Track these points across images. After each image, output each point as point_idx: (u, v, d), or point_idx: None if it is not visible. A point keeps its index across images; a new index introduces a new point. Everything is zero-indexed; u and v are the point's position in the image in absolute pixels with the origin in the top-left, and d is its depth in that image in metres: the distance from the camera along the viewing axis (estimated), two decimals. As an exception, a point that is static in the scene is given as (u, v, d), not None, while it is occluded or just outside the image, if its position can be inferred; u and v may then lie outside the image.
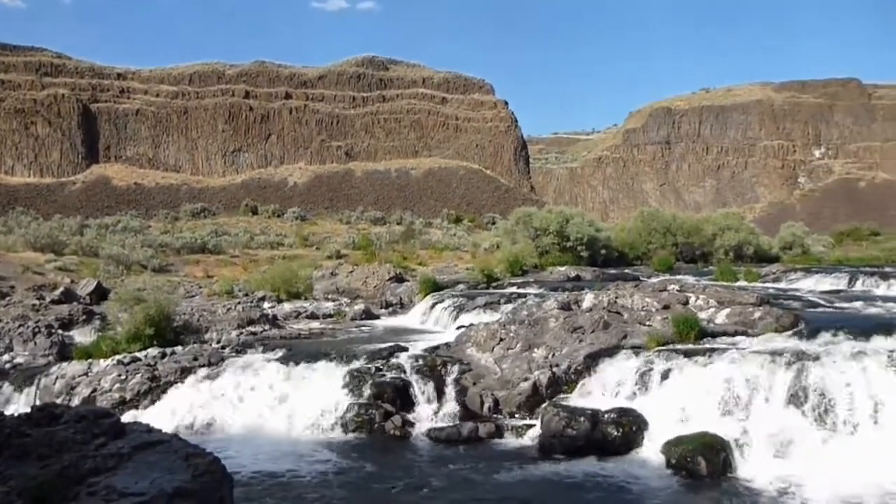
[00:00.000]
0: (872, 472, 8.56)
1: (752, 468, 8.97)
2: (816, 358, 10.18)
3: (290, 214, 67.76)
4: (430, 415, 11.40)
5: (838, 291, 19.67)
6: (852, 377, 9.75)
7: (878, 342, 10.94)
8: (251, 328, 16.71)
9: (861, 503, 7.82)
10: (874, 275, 22.23)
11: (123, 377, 12.29)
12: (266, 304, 21.21)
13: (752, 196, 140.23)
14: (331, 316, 20.22)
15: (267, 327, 17.08)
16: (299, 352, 13.34)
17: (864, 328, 11.59)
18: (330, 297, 23.73)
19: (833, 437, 9.39)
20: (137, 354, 13.46)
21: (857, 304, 15.81)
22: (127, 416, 10.90)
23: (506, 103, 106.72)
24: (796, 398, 9.80)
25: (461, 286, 22.74)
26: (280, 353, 13.21)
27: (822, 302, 16.19)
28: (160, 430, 6.01)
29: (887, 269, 26.76)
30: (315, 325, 18.84)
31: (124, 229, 45.50)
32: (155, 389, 12.10)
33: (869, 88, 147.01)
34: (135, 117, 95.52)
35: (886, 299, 16.62)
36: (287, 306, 21.32)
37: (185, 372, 12.48)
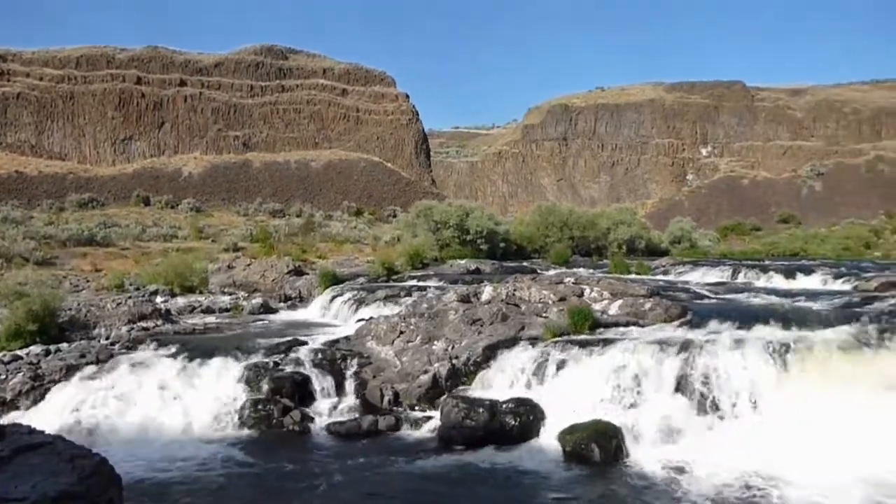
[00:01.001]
0: (752, 455, 9.04)
1: (643, 454, 9.31)
2: (702, 347, 10.68)
3: (184, 206, 65.78)
4: (329, 409, 11.33)
5: (723, 283, 20.66)
6: (734, 365, 10.29)
7: (758, 331, 11.55)
8: (143, 323, 16.12)
9: (741, 485, 8.22)
10: (755, 267, 23.46)
11: (3, 377, 11.64)
12: (159, 299, 20.54)
13: (644, 192, 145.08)
14: (227, 310, 19.77)
15: (160, 322, 16.52)
16: (194, 347, 12.95)
17: (745, 318, 12.20)
18: (226, 290, 23.19)
19: (717, 423, 9.88)
20: (19, 352, 12.79)
21: (740, 295, 16.62)
22: (8, 418, 10.36)
23: (407, 96, 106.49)
24: (684, 386, 10.26)
25: (361, 279, 22.64)
26: (174, 349, 12.79)
27: (708, 293, 16.94)
28: (43, 432, 5.71)
29: (767, 263, 28.31)
30: (211, 319, 18.38)
31: (4, 220, 43.06)
32: (38, 389, 11.48)
33: (752, 91, 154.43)
34: (16, 101, 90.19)
35: (766, 290, 17.56)
36: (181, 301, 20.71)
37: (70, 370, 11.92)
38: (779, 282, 20.58)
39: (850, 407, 9.70)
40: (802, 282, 20.39)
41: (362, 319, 15.63)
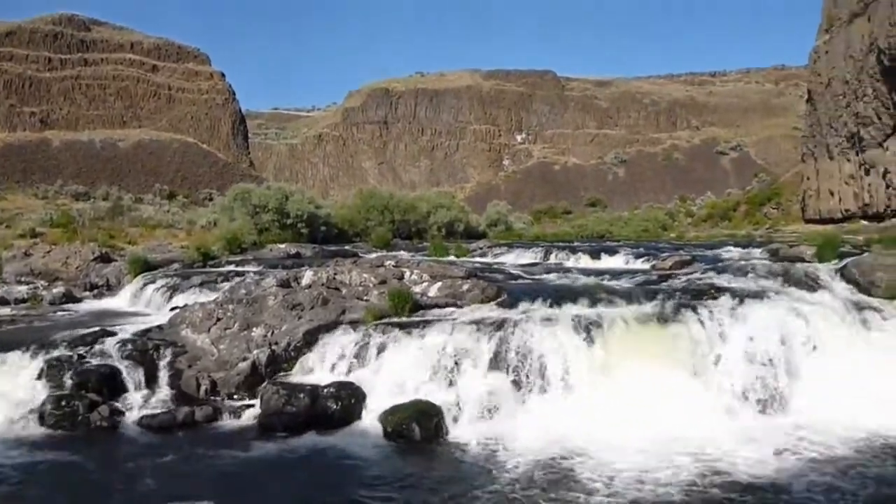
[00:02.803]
0: (562, 426, 9.61)
1: (462, 430, 9.62)
2: (516, 325, 11.17)
3: (-30, 188, 59.76)
4: (141, 402, 10.74)
5: (536, 264, 21.60)
6: (546, 341, 10.85)
7: (568, 308, 12.24)
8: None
9: (550, 454, 8.70)
10: (565, 249, 24.74)
11: None
12: (-60, 291, 18.60)
13: (462, 176, 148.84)
14: (25, 301, 18.27)
15: (-59, 316, 14.97)
16: (-15, 342, 11.85)
17: (556, 296, 12.86)
18: (23, 279, 21.35)
19: (531, 397, 10.39)
20: None
21: (552, 275, 17.44)
22: None
23: (223, 75, 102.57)
24: (500, 363, 10.68)
25: (176, 265, 21.63)
26: (-42, 346, 11.62)
27: (523, 274, 17.65)
28: None
29: (576, 244, 29.94)
30: (5, 311, 16.90)
31: None
32: None
33: (563, 80, 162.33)
34: None
35: (575, 270, 18.57)
36: (-33, 292, 18.87)
37: None
38: (586, 262, 21.79)
39: (650, 377, 10.55)
40: (607, 261, 21.70)
41: (176, 307, 14.95)
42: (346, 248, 29.66)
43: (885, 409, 10.28)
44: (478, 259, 24.49)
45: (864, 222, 48.90)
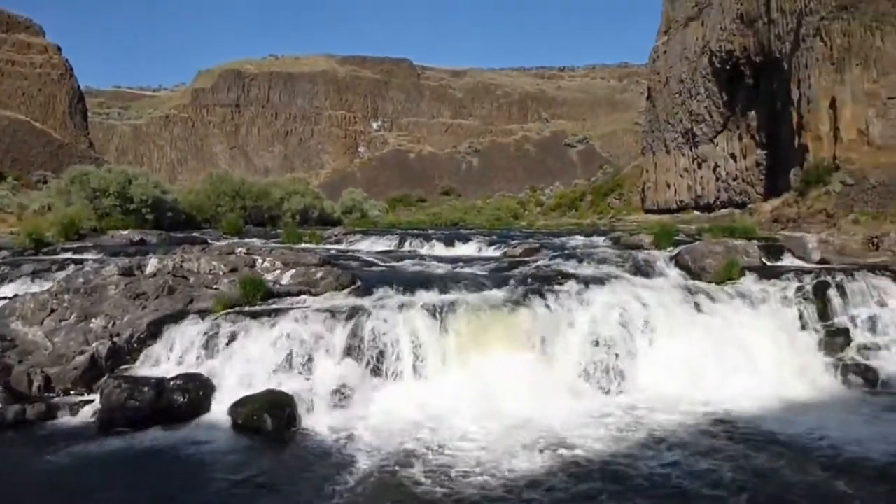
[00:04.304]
0: (415, 411, 9.74)
1: (315, 419, 9.52)
2: (370, 313, 11.18)
3: None
4: (-36, 401, 9.93)
5: (391, 252, 21.69)
6: (399, 328, 10.94)
7: (421, 295, 12.40)
8: None
9: (403, 440, 8.79)
10: (420, 236, 24.98)
11: None
12: None
13: (317, 162, 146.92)
14: None
15: None
16: None
17: (410, 284, 12.98)
18: None
19: (385, 384, 10.45)
20: None
21: (406, 262, 17.57)
22: None
23: (59, 48, 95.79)
24: (353, 351, 10.67)
25: (4, 253, 20.10)
26: None
27: (377, 261, 17.67)
28: None
29: (430, 232, 30.30)
30: None
31: None
32: None
33: (419, 69, 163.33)
34: None
35: (429, 258, 18.80)
36: None
37: None
38: (440, 249, 22.11)
39: (500, 361, 10.88)
40: (461, 249, 22.10)
41: (5, 298, 13.89)
42: (195, 234, 28.56)
43: (715, 386, 11.14)
44: (332, 246, 24.28)
45: (697, 212, 52.48)
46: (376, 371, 10.52)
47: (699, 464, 8.12)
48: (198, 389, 9.84)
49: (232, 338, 10.78)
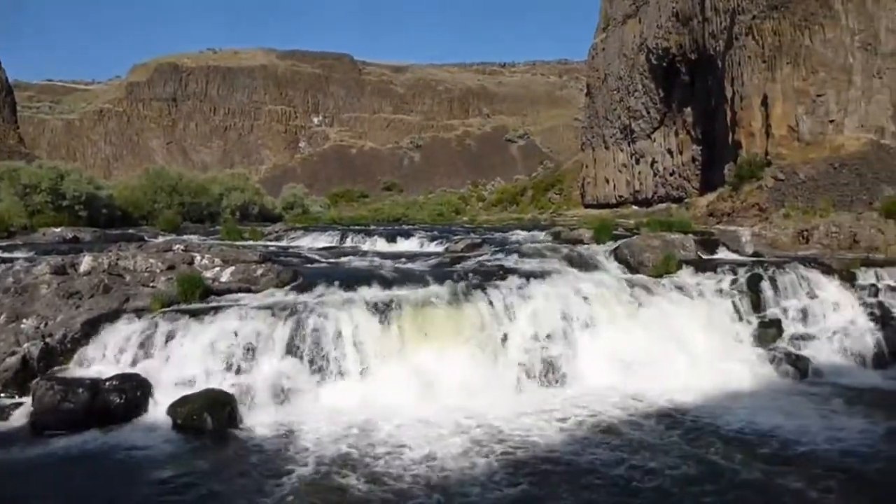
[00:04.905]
0: (358, 407, 9.73)
1: (256, 418, 9.42)
2: (311, 309, 11.10)
3: None
4: None
5: (332, 248, 21.56)
6: (341, 324, 10.90)
7: (363, 291, 12.36)
8: None
9: (345, 436, 8.77)
10: (361, 232, 24.90)
11: None
12: None
13: (257, 158, 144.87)
14: None
15: None
16: None
17: (352, 280, 12.93)
18: None
19: (327, 381, 10.39)
20: None
21: (348, 258, 17.50)
22: None
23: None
24: (295, 348, 10.58)
25: (-75, 252, 19.32)
26: None
27: (319, 258, 17.56)
28: None
29: (372, 227, 30.22)
30: None
31: None
32: None
33: (360, 65, 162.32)
34: None
35: (371, 253, 18.75)
36: None
37: None
38: (382, 245, 22.06)
39: (443, 356, 10.93)
40: (403, 245, 22.10)
41: (-72, 299, 13.36)
42: (131, 231, 27.88)
43: (650, 377, 11.39)
44: (273, 243, 24.02)
45: (635, 207, 53.44)
46: (318, 368, 10.46)
47: (639, 455, 8.29)
48: (135, 390, 9.63)
49: (170, 337, 10.58)
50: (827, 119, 29.70)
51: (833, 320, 14.16)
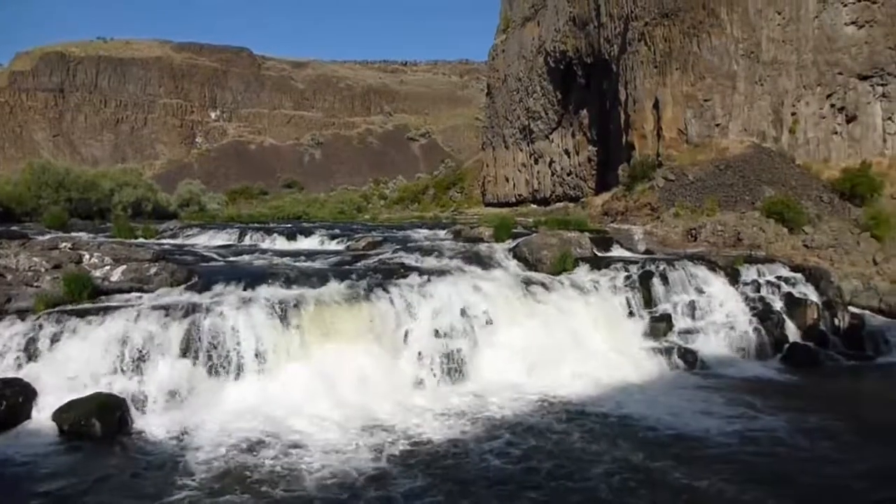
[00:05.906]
0: (259, 409, 9.55)
1: (149, 421, 9.13)
2: (208, 309, 10.82)
3: None
4: None
5: (230, 246, 21.06)
6: (240, 325, 10.67)
7: (263, 290, 12.15)
8: None
9: (245, 439, 8.61)
10: (261, 230, 24.42)
11: None
12: None
13: (151, 153, 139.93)
14: None
15: None
16: None
17: (250, 279, 12.68)
18: None
19: (225, 382, 10.15)
20: None
21: (247, 256, 17.15)
22: None
23: None
24: (190, 350, 10.29)
25: None
26: None
27: (216, 256, 17.12)
28: None
29: (272, 225, 29.69)
30: None
31: None
32: None
33: (259, 59, 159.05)
34: None
35: (271, 252, 18.44)
36: None
37: None
38: (282, 243, 21.71)
39: (344, 355, 10.87)
40: (303, 243, 21.81)
41: None
42: (13, 228, 26.43)
43: (550, 372, 11.69)
44: (168, 241, 23.26)
45: (534, 206, 54.47)
46: (215, 369, 10.21)
47: (535, 449, 8.51)
48: (17, 395, 9.15)
49: (55, 339, 10.10)
50: (713, 123, 31.06)
51: (719, 315, 14.92)
